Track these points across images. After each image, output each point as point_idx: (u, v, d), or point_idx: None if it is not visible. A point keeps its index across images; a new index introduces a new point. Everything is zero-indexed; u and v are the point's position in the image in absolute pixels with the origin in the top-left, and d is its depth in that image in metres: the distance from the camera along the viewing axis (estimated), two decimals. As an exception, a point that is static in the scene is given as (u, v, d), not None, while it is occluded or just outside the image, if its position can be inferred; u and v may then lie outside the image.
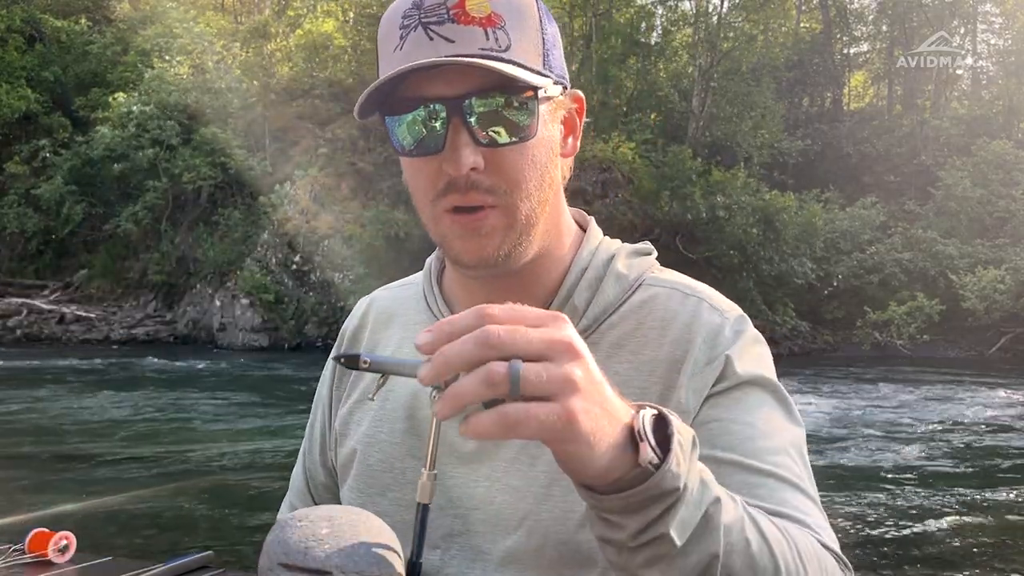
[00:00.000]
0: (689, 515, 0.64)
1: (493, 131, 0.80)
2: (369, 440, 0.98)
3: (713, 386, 0.86)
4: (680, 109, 29.10)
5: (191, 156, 24.53)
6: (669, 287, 0.93)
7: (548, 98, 0.83)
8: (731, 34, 28.29)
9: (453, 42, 0.79)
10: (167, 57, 25.96)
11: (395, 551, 0.78)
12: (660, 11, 30.56)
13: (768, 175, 27.16)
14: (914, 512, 7.36)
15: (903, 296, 23.83)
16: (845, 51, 34.91)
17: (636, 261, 0.95)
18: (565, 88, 0.87)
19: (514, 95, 0.80)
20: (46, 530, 1.77)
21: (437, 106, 0.80)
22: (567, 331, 0.61)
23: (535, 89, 0.80)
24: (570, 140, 0.90)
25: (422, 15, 0.80)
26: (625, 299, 0.92)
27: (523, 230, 0.85)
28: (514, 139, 0.81)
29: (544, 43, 0.83)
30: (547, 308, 0.90)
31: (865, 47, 36.18)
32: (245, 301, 22.81)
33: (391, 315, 1.04)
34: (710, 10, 29.33)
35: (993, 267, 23.21)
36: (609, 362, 0.88)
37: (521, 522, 0.87)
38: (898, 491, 8.07)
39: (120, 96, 24.94)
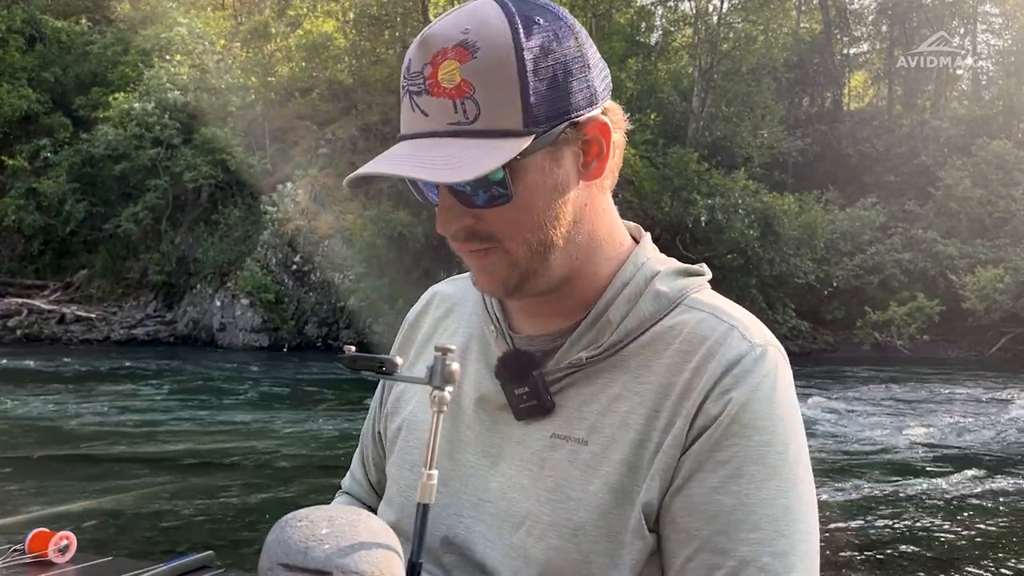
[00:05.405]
0: None
1: (477, 197, 0.84)
2: (412, 420, 1.03)
3: (713, 421, 0.84)
4: (680, 109, 29.12)
5: (192, 156, 24.55)
6: (707, 311, 0.91)
7: (534, 151, 0.82)
8: (731, 34, 28.30)
9: (428, 116, 0.82)
10: (167, 57, 25.97)
11: (395, 551, 0.79)
12: (660, 11, 30.59)
13: (768, 175, 27.17)
14: (914, 512, 7.37)
15: (903, 296, 23.85)
16: (845, 51, 34.94)
17: (680, 281, 0.94)
18: (571, 121, 0.85)
19: None
20: (46, 530, 1.77)
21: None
22: None
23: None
24: (594, 163, 0.88)
25: (409, 83, 0.84)
26: (659, 318, 0.91)
27: (529, 266, 0.88)
28: (495, 204, 0.84)
29: (527, 93, 0.81)
30: (581, 320, 0.92)
31: (865, 47, 36.23)
32: (245, 301, 22.81)
33: (452, 305, 1.09)
34: (710, 10, 29.34)
35: (992, 267, 23.22)
36: (634, 383, 0.88)
37: (523, 520, 0.89)
38: (898, 491, 8.07)
39: (120, 95, 24.96)
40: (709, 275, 0.98)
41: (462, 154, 0.79)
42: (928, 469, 9.11)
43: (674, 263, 0.97)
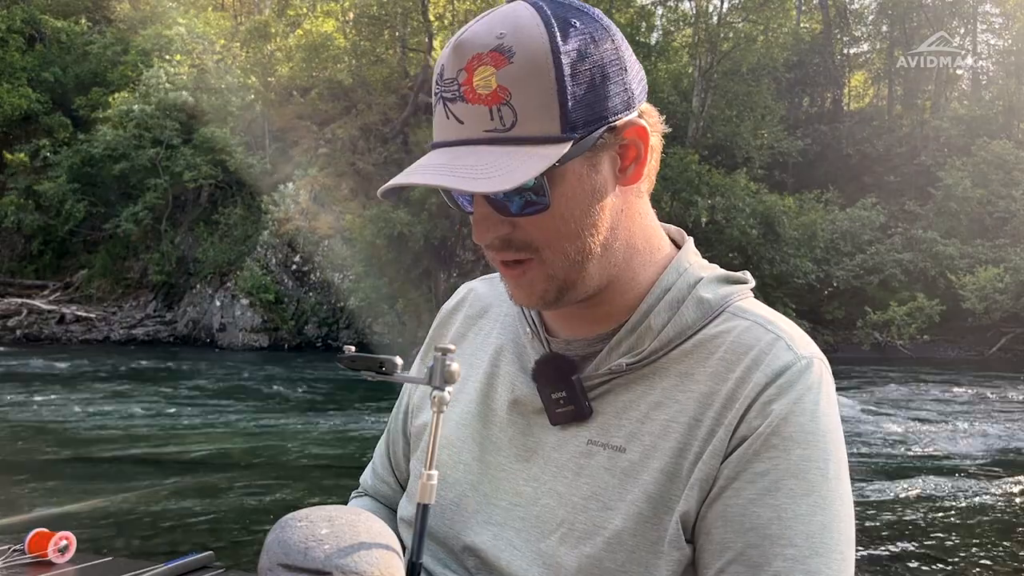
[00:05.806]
0: None
1: (513, 205, 0.83)
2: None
3: (754, 431, 0.83)
4: (680, 109, 29.10)
5: (192, 156, 24.55)
6: (751, 319, 0.89)
7: (571, 157, 0.81)
8: (731, 34, 28.29)
9: (463, 123, 0.80)
10: (167, 57, 25.98)
11: (395, 551, 0.79)
12: (660, 11, 30.58)
13: (768, 175, 27.16)
14: (914, 511, 7.37)
15: (903, 297, 23.83)
16: (845, 51, 34.91)
17: (724, 289, 0.92)
18: (609, 125, 0.83)
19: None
20: (46, 530, 1.77)
21: None
22: None
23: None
24: (631, 167, 0.87)
25: (442, 89, 0.82)
26: (703, 326, 0.89)
27: (567, 277, 0.86)
28: (531, 212, 0.82)
29: (564, 98, 0.79)
30: (621, 327, 0.90)
31: (865, 47, 36.19)
32: (245, 301, 22.81)
33: (487, 305, 1.08)
34: (710, 10, 29.33)
35: (992, 267, 23.21)
36: (675, 391, 0.87)
37: (557, 527, 0.88)
38: (898, 491, 8.07)
39: (120, 95, 24.95)
40: (752, 283, 0.96)
41: (499, 162, 0.78)
42: (928, 469, 9.10)
43: (717, 270, 0.95)
